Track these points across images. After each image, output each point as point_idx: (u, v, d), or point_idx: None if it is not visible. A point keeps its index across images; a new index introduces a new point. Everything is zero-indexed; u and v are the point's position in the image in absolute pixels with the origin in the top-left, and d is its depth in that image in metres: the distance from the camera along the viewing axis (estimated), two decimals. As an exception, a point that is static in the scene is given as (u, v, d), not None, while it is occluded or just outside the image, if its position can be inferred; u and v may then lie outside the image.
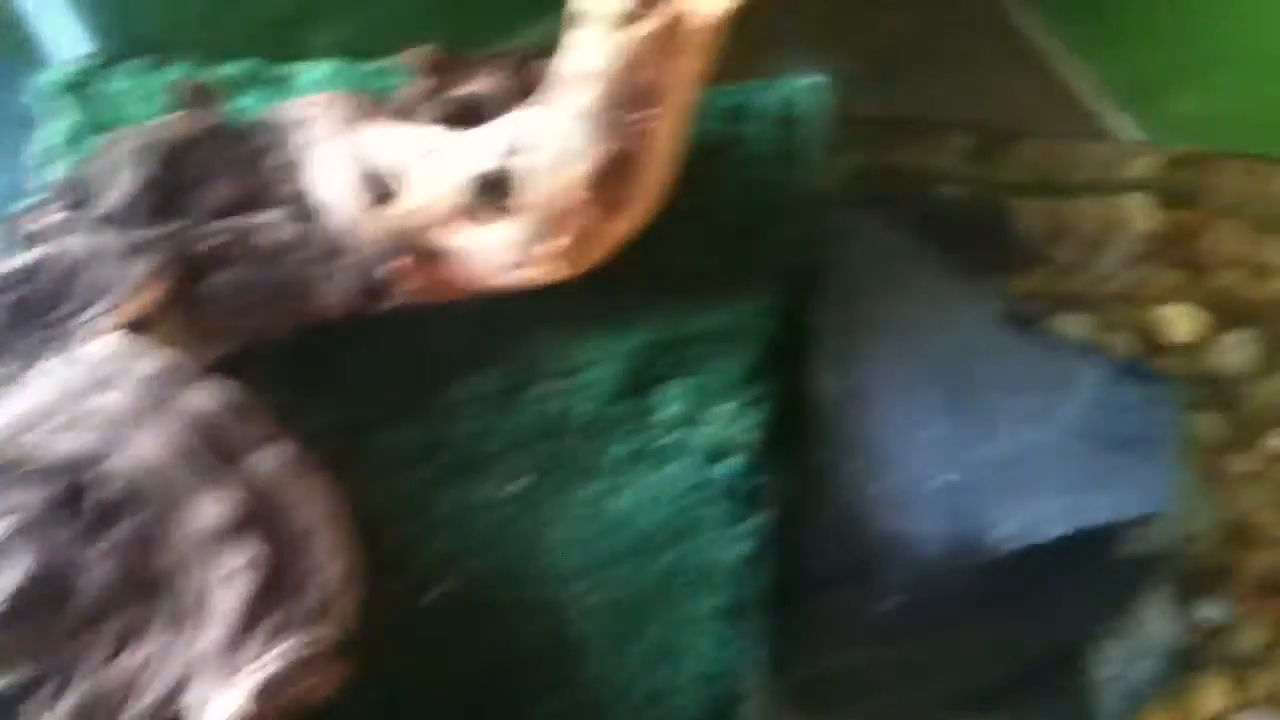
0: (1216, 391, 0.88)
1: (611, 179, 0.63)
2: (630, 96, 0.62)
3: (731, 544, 0.68)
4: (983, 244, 0.90)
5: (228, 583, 0.53)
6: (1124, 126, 0.96)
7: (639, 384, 0.71)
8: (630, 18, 0.62)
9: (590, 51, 0.61)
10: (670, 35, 0.62)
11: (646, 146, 0.63)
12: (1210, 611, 0.83)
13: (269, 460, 0.56)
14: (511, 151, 0.61)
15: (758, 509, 0.69)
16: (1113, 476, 0.75)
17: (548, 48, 0.65)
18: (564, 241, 0.64)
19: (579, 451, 0.70)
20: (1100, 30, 0.94)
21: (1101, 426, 0.76)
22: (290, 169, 0.64)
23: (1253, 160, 0.93)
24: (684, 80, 0.63)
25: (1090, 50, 0.95)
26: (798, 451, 0.75)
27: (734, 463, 0.70)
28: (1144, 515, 0.74)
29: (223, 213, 0.63)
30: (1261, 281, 0.91)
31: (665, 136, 0.64)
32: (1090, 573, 0.76)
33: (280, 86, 0.78)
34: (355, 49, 0.78)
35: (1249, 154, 0.93)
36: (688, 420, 0.71)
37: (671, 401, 0.71)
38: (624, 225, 0.66)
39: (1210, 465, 0.86)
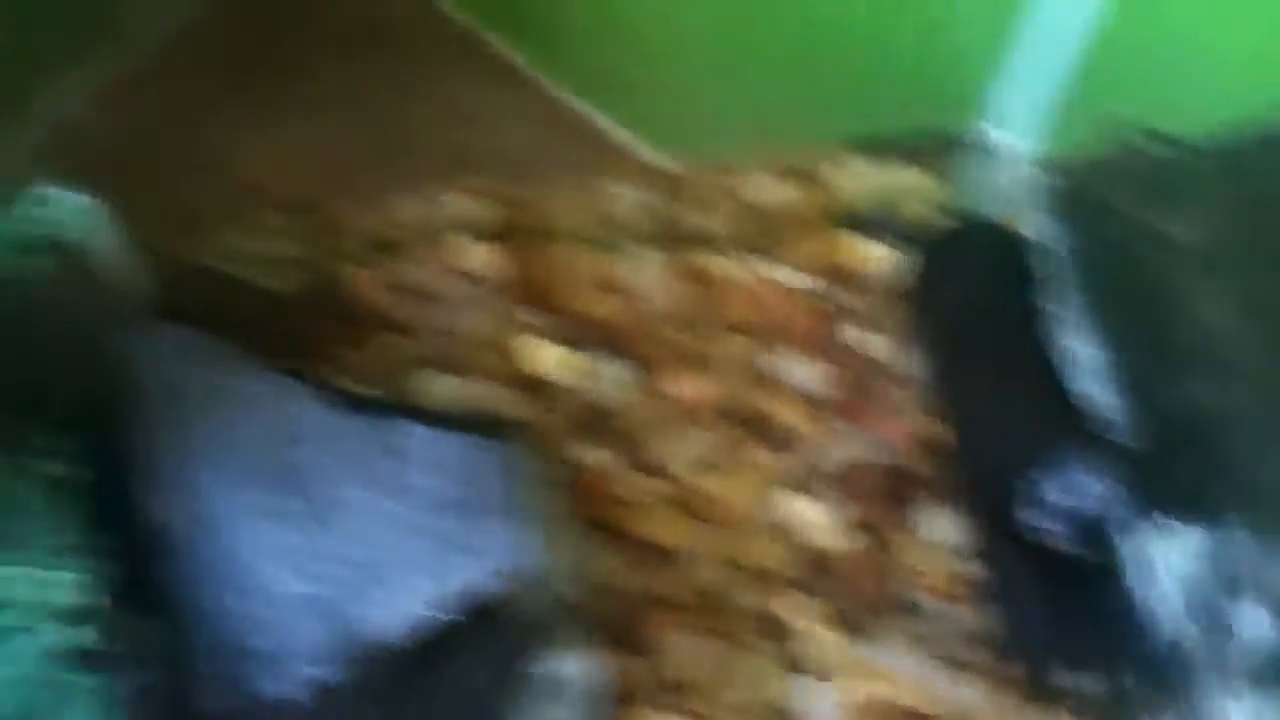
0: (598, 420, 0.86)
1: None
2: None
3: (96, 712, 0.63)
4: (317, 322, 0.85)
5: None
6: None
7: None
8: None
9: None
10: None
11: None
12: (635, 643, 0.80)
13: None
14: None
15: (119, 673, 0.64)
16: (467, 542, 0.71)
17: None
18: None
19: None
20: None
21: (442, 491, 0.72)
22: None
23: (574, 182, 0.92)
24: None
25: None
26: (160, 594, 0.68)
27: (81, 632, 0.64)
28: (507, 572, 0.71)
29: None
30: (616, 301, 0.90)
31: None
32: (478, 642, 0.71)
33: None
34: None
35: (572, 181, 0.92)
36: (22, 599, 0.64)
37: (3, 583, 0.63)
38: None
39: (607, 494, 0.84)
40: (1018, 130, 0.93)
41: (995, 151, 0.94)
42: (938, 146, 0.95)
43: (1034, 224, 0.89)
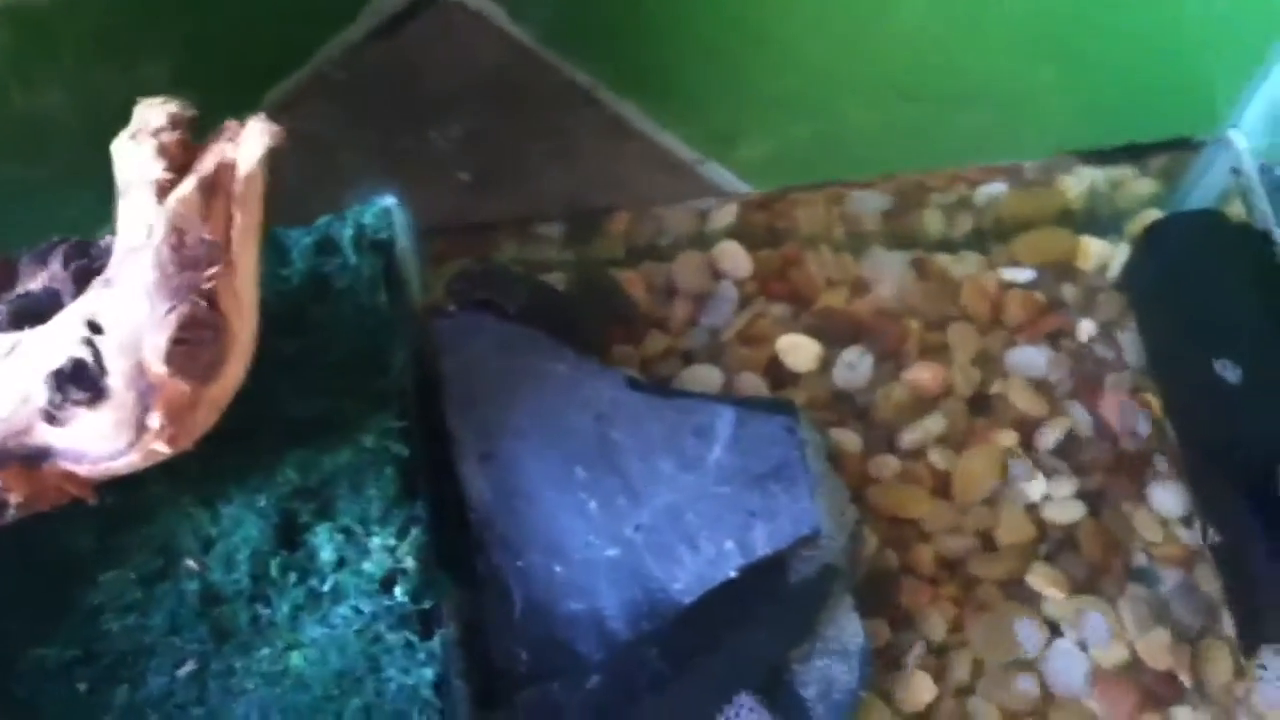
0: (847, 406, 0.93)
1: (191, 346, 0.61)
2: (188, 258, 0.61)
3: (416, 671, 0.67)
4: (596, 320, 0.93)
5: None
6: (722, 177, 1.01)
7: (285, 538, 0.70)
8: (169, 182, 0.61)
9: (139, 221, 0.60)
10: (213, 191, 0.62)
11: (219, 305, 0.62)
12: (892, 610, 0.87)
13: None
14: (84, 340, 0.60)
15: (435, 631, 0.69)
16: (763, 509, 0.78)
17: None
18: (158, 421, 0.62)
19: (239, 620, 0.68)
20: (670, 98, 0.98)
21: (742, 466, 0.79)
22: None
23: (820, 189, 0.99)
24: (241, 232, 0.63)
25: (668, 117, 0.99)
26: (468, 561, 0.76)
27: (399, 593, 0.69)
28: (800, 538, 0.78)
29: None
30: (858, 297, 0.97)
31: (237, 291, 0.63)
32: (769, 602, 0.78)
33: None
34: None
35: (815, 185, 0.99)
36: (343, 562, 0.70)
37: (322, 547, 0.70)
38: (221, 389, 0.65)
39: (859, 472, 0.91)
40: (1255, 134, 0.99)
41: (1229, 155, 1.00)
42: (1169, 150, 1.00)
43: (1266, 221, 0.94)
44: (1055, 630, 0.87)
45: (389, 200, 0.82)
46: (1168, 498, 0.91)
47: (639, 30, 0.91)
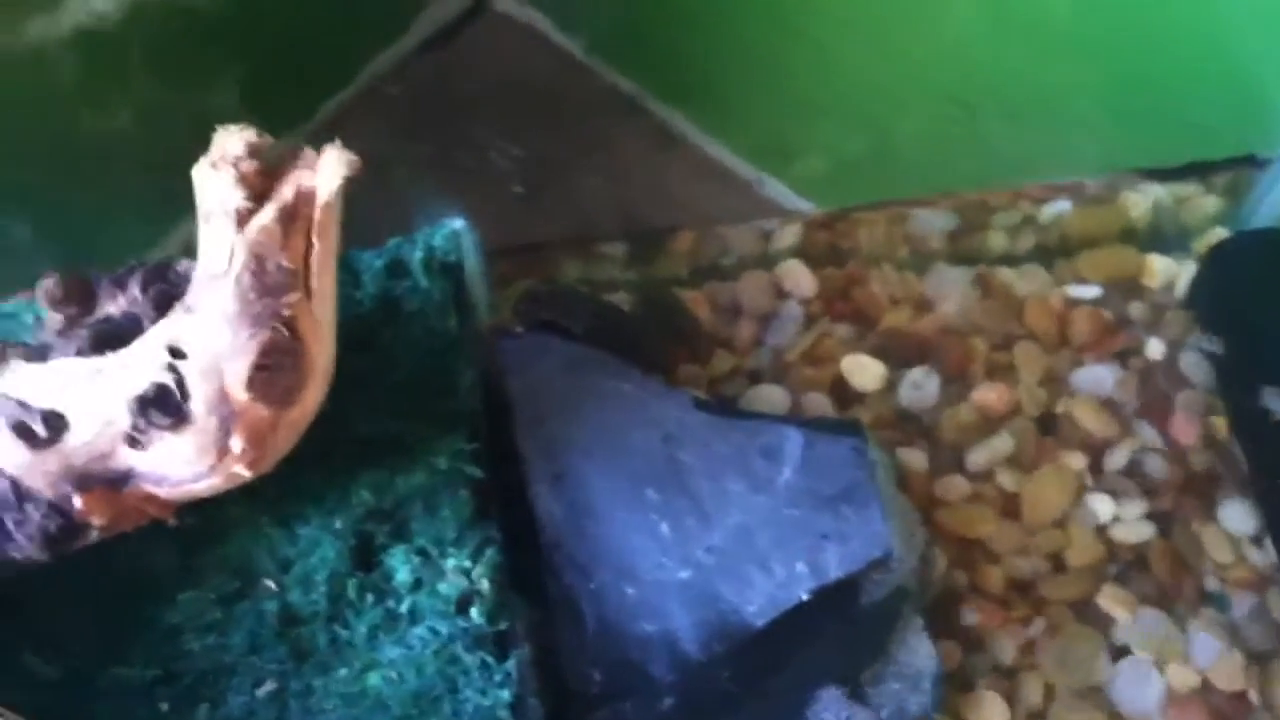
0: (913, 426, 0.93)
1: (271, 372, 0.62)
2: (268, 285, 0.62)
3: (493, 692, 0.68)
4: (661, 340, 0.93)
5: None
6: (780, 193, 1.01)
7: (361, 559, 0.70)
8: (249, 210, 0.62)
9: (220, 248, 0.61)
10: (291, 219, 0.62)
11: (298, 331, 0.63)
12: (963, 632, 0.87)
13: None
14: (166, 366, 0.60)
15: (510, 652, 0.69)
16: (834, 531, 0.77)
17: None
18: (239, 445, 0.62)
19: (318, 640, 0.68)
20: (728, 114, 0.98)
21: (812, 487, 0.79)
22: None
23: (883, 209, 0.99)
24: (319, 259, 0.63)
25: (718, 128, 0.99)
26: (539, 581, 0.76)
27: (475, 614, 0.69)
28: (872, 561, 0.77)
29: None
30: (922, 316, 0.96)
31: (315, 317, 0.64)
32: (840, 624, 0.78)
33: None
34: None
35: (876, 204, 0.99)
36: (419, 584, 0.70)
37: (398, 569, 0.70)
38: (300, 413, 0.65)
39: (926, 494, 0.90)
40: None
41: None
42: (1234, 167, 1.00)
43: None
44: (1125, 652, 0.86)
45: (458, 223, 0.82)
46: (1238, 518, 0.90)
47: (689, 39, 0.90)
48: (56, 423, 0.60)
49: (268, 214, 0.62)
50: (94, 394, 0.61)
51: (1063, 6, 0.91)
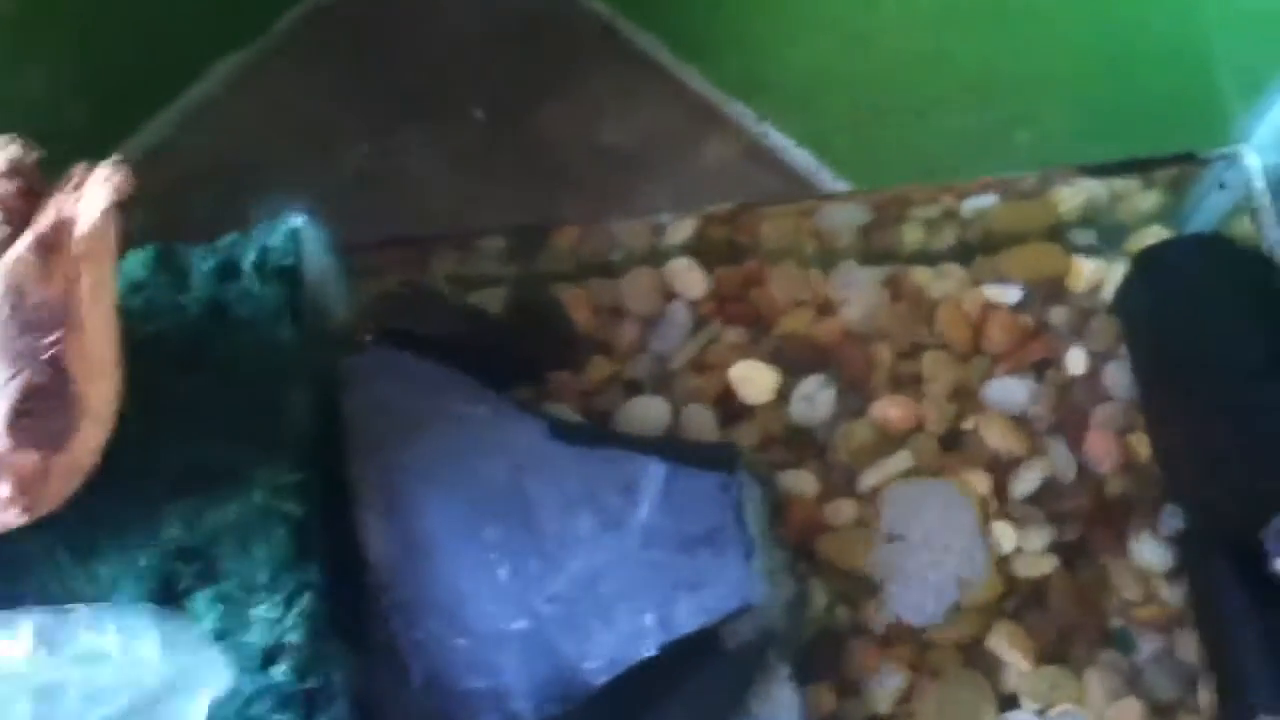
0: (804, 443, 0.86)
1: (34, 416, 0.56)
2: (28, 322, 0.55)
3: None
4: (533, 345, 0.86)
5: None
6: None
7: (167, 600, 0.65)
8: (8, 237, 0.55)
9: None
10: (52, 249, 0.55)
11: (66, 370, 0.57)
12: (839, 675, 0.81)
13: None
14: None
15: (324, 707, 0.64)
16: (690, 580, 0.71)
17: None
18: (6, 491, 0.57)
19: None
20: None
21: (670, 527, 0.72)
22: None
23: (793, 202, 0.91)
24: (90, 290, 0.57)
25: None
26: (363, 626, 0.70)
27: (282, 670, 0.64)
28: (732, 610, 0.71)
29: None
30: (824, 320, 0.89)
31: (87, 352, 0.58)
32: (694, 679, 0.72)
33: None
34: None
35: (786, 199, 0.91)
36: (224, 632, 0.64)
37: (205, 614, 0.65)
38: (75, 456, 0.59)
39: (812, 519, 0.84)
40: (1267, 152, 0.90)
41: (1238, 172, 0.91)
42: (1176, 164, 0.91)
43: (1272, 243, 0.86)
44: (1013, 702, 0.80)
45: (297, 220, 0.75)
46: (1151, 551, 0.84)
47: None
48: None
49: (23, 244, 0.56)
50: None
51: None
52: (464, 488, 0.72)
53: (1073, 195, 0.92)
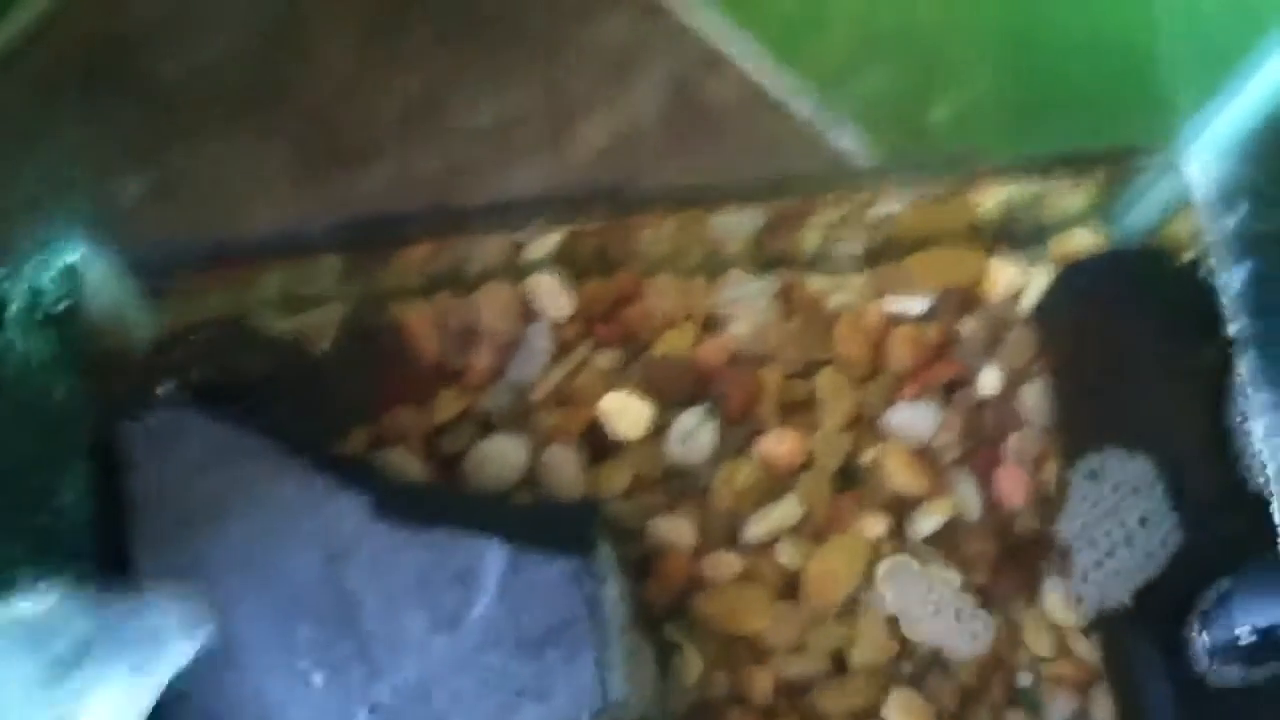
0: (681, 486, 0.76)
1: None
2: None
3: None
4: (366, 381, 0.74)
5: None
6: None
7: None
8: None
9: None
10: None
11: None
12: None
13: None
14: None
15: None
16: (535, 686, 0.62)
17: None
18: None
19: None
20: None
21: (513, 624, 0.63)
22: None
23: (677, 213, 0.79)
24: None
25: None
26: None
27: None
28: (586, 715, 0.62)
29: None
30: (707, 339, 0.79)
31: None
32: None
33: None
34: None
35: (668, 206, 0.79)
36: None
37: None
38: None
39: (688, 575, 0.75)
40: (1212, 155, 0.80)
41: (1177, 175, 0.80)
42: (1109, 162, 0.81)
43: (1207, 257, 0.76)
44: (910, 783, 0.72)
45: (75, 253, 0.63)
46: (1065, 599, 0.75)
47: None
48: None
49: None
50: None
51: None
52: (272, 583, 0.62)
53: (992, 194, 0.81)
